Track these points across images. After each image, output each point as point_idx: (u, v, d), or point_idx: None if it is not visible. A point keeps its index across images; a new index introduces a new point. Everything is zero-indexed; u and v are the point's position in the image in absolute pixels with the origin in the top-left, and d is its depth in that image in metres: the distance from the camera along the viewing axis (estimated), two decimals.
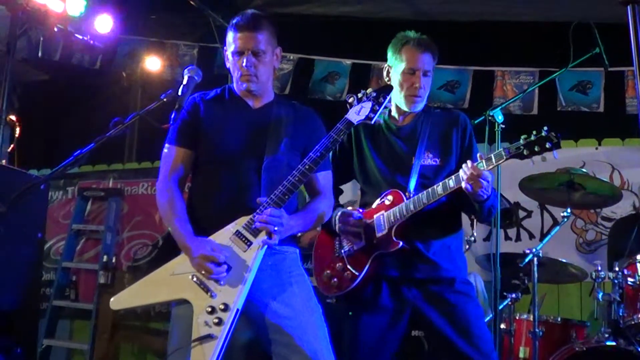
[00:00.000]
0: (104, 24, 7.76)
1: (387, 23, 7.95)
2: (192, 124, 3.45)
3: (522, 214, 6.91)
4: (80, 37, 7.73)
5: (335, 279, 3.77)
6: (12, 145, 7.55)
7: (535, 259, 4.91)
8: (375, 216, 3.73)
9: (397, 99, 3.86)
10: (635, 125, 6.88)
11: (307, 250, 5.46)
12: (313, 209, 3.50)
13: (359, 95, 3.40)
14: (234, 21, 3.44)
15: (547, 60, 6.82)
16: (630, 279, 4.72)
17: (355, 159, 3.92)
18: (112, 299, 3.28)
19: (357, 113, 3.35)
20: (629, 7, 2.43)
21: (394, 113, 3.90)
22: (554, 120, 7.28)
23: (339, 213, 3.77)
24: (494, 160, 3.42)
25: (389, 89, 3.43)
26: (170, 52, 8.65)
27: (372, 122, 3.35)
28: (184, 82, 3.27)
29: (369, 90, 3.39)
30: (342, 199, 4.13)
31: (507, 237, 6.86)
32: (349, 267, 3.72)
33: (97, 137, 3.05)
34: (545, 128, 3.36)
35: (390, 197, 3.71)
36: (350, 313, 3.77)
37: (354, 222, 3.73)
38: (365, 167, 3.88)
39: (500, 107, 4.66)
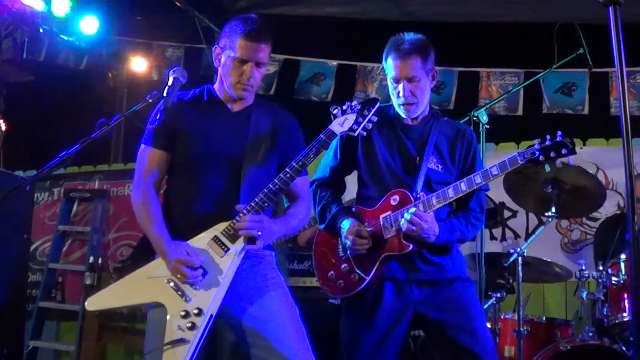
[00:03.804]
0: (90, 24, 7.75)
1: (373, 24, 7.98)
2: (168, 126, 3.38)
3: (507, 213, 6.92)
4: (66, 37, 7.72)
5: (340, 281, 3.74)
6: None
7: (520, 258, 4.93)
8: (381, 217, 3.69)
9: (394, 105, 3.85)
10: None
11: (305, 251, 5.47)
12: (293, 214, 3.51)
13: (344, 107, 3.36)
14: (244, 28, 3.34)
15: (532, 61, 6.86)
16: (614, 278, 4.75)
17: (360, 149, 3.86)
18: (87, 300, 3.28)
19: (340, 124, 3.32)
20: (610, 8, 2.45)
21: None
22: (539, 121, 7.32)
23: (348, 227, 3.72)
24: (508, 165, 3.43)
25: (373, 102, 3.38)
26: (156, 53, 8.65)
27: (356, 134, 3.32)
28: (169, 83, 3.23)
29: (354, 102, 3.36)
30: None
31: (492, 237, 6.88)
32: (356, 269, 3.69)
33: (83, 137, 3.05)
34: (559, 133, 3.35)
35: (396, 197, 3.68)
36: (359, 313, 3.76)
37: (366, 242, 3.68)
38: (371, 159, 3.82)
39: (484, 108, 4.69)
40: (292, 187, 3.44)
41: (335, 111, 3.37)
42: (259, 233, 3.19)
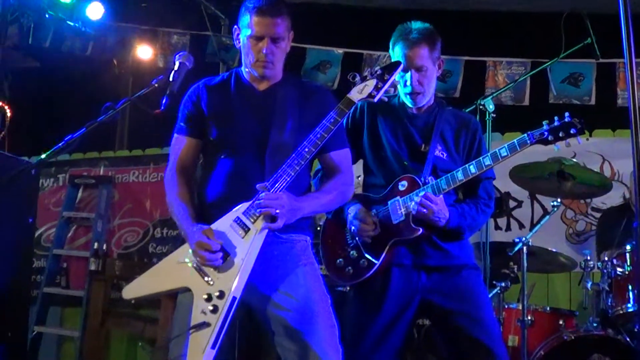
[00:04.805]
0: (95, 10, 7.75)
1: (379, 12, 7.96)
2: (196, 113, 3.41)
3: (512, 203, 6.92)
4: (72, 24, 7.71)
5: (349, 268, 3.74)
6: (2, 132, 7.53)
7: (525, 247, 4.92)
8: (389, 202, 3.69)
9: (401, 94, 3.85)
10: (626, 116, 6.89)
11: None
12: (329, 189, 3.41)
13: (364, 73, 3.32)
14: (256, 4, 3.32)
15: (539, 51, 6.84)
16: (619, 269, 4.74)
17: (366, 137, 3.86)
18: (124, 289, 3.29)
19: (359, 92, 3.27)
20: None
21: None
22: (545, 111, 7.29)
23: (354, 213, 3.72)
24: (517, 146, 3.43)
25: (396, 65, 3.35)
26: (161, 40, 8.64)
27: (375, 100, 3.26)
28: (175, 67, 3.23)
29: (376, 68, 3.31)
30: None
31: (497, 227, 6.87)
32: (365, 255, 3.68)
33: (88, 123, 3.04)
34: (567, 114, 3.39)
35: (405, 183, 3.67)
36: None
37: (372, 228, 3.68)
38: (378, 147, 3.82)
39: (491, 96, 4.68)
40: (330, 161, 3.44)
41: (355, 79, 3.32)
42: (277, 211, 3.11)
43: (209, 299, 3.08)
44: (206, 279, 3.14)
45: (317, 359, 3.15)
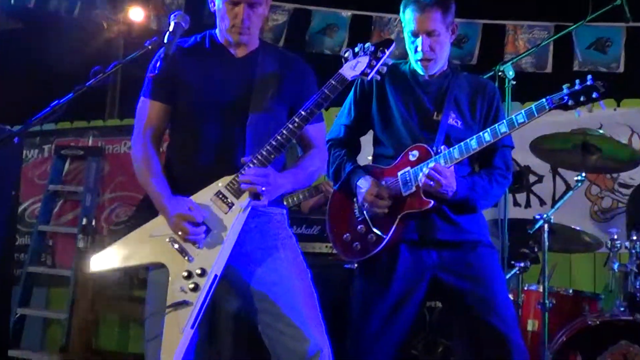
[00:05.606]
0: None
1: None
2: (168, 76, 3.34)
3: (532, 178, 6.89)
4: None
5: (357, 243, 3.75)
6: None
7: (546, 225, 4.89)
8: (399, 173, 3.69)
9: (411, 60, 3.84)
10: None
11: (314, 215, 5.47)
12: (305, 166, 3.48)
13: (356, 49, 3.32)
14: None
15: (563, 14, 6.78)
16: None
17: (375, 105, 3.87)
18: (90, 260, 3.26)
19: (352, 68, 3.28)
20: None
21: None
22: (569, 79, 7.25)
23: (367, 186, 3.71)
24: (535, 112, 3.41)
25: (388, 42, 3.33)
26: (155, 1, 8.57)
27: (369, 78, 3.28)
28: (170, 28, 3.19)
29: (367, 44, 3.32)
30: None
31: (516, 203, 6.85)
32: (374, 229, 3.69)
33: (76, 87, 3.02)
34: (590, 77, 3.35)
35: (416, 152, 3.67)
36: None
37: (385, 202, 3.67)
38: (387, 115, 3.83)
39: (511, 62, 4.64)
40: (306, 136, 3.45)
41: (346, 54, 3.32)
42: (263, 188, 3.15)
43: (189, 276, 3.10)
44: (184, 255, 3.15)
45: (299, 332, 3.18)
